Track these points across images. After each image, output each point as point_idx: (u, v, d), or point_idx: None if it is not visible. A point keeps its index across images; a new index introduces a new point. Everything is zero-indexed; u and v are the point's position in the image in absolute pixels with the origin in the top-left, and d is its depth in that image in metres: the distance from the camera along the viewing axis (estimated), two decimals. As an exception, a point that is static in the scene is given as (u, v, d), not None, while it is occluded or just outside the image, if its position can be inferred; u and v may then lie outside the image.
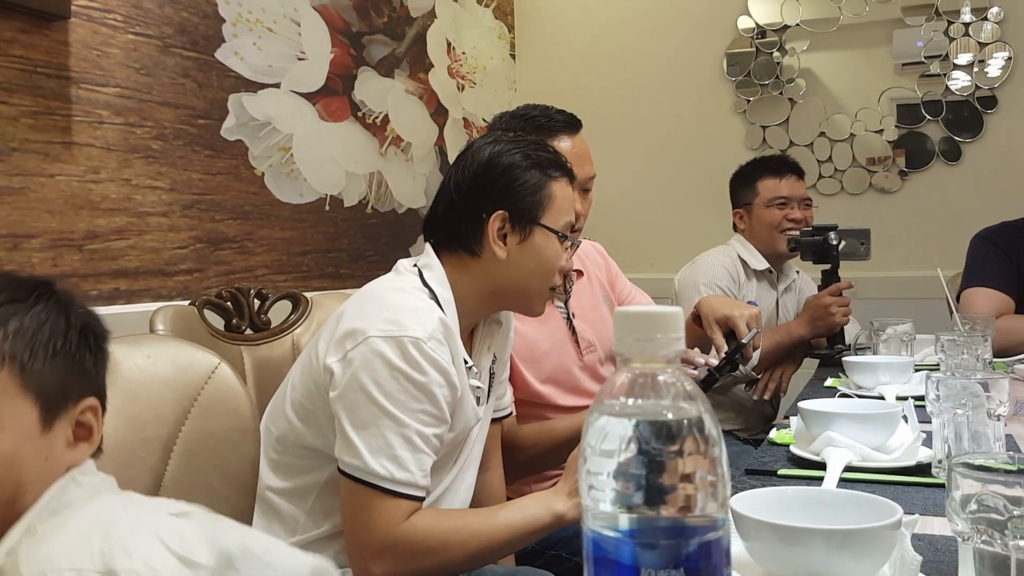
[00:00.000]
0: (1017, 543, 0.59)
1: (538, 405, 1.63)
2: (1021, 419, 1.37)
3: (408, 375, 1.10)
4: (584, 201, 1.67)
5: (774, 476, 1.13)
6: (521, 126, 1.62)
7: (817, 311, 2.19)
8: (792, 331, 2.23)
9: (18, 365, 0.73)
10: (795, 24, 3.22)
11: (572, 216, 1.31)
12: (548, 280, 1.29)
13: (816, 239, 2.21)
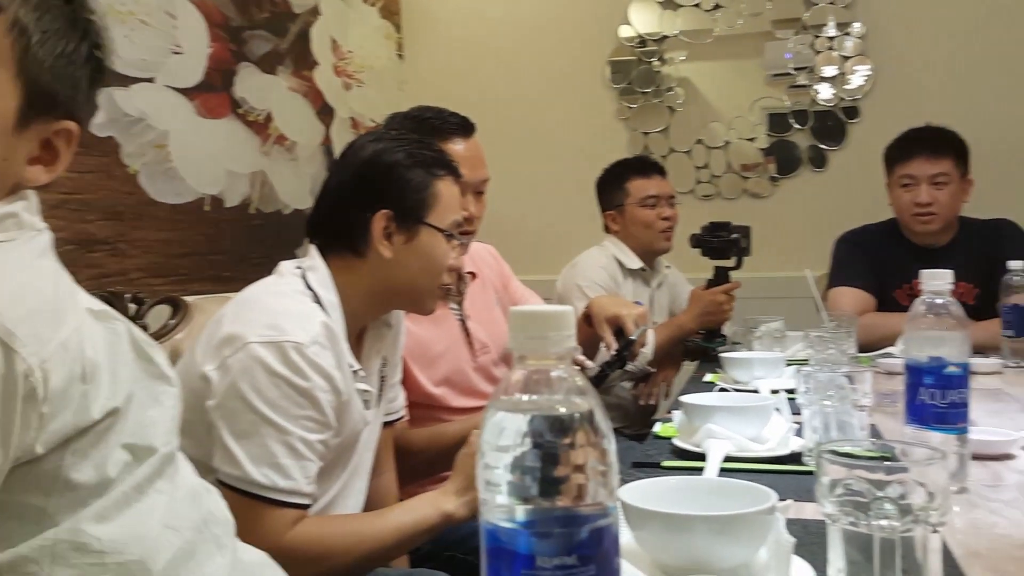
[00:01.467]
0: (879, 523, 0.63)
1: (432, 407, 1.63)
2: (883, 409, 1.47)
3: (290, 381, 1.08)
4: (478, 204, 1.68)
5: (659, 468, 1.17)
6: (415, 127, 1.61)
7: (710, 306, 2.29)
8: (683, 325, 2.32)
9: (24, 42, 0.68)
10: (673, 35, 3.34)
11: (459, 214, 1.31)
12: (437, 279, 1.29)
13: (733, 237, 2.31)
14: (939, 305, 1.00)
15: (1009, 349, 2.00)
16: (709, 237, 2.33)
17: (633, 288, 2.45)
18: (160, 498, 0.73)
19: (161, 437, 0.75)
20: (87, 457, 0.68)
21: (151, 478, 0.73)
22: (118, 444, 0.70)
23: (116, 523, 0.69)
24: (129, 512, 0.70)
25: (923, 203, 2.32)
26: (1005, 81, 3.02)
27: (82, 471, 0.67)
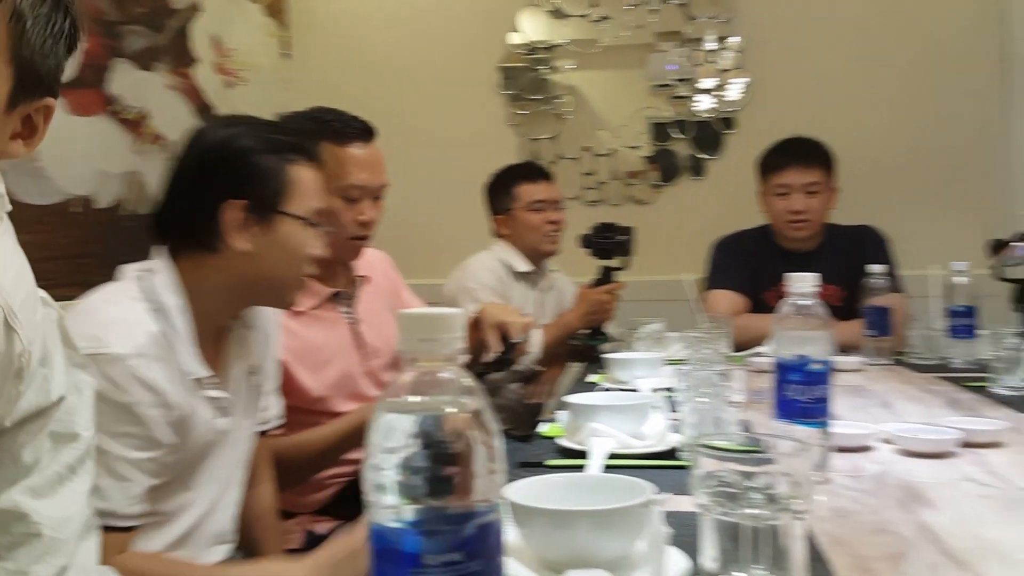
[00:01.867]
0: (748, 512, 0.67)
1: (317, 412, 1.61)
2: (754, 406, 1.54)
3: (107, 396, 1.00)
4: (374, 209, 1.67)
5: (544, 467, 1.19)
6: (315, 128, 1.59)
7: (596, 305, 2.36)
8: (569, 323, 2.38)
9: (20, 28, 0.68)
10: (562, 43, 3.40)
11: (319, 201, 1.26)
12: (298, 270, 1.24)
13: (620, 239, 2.40)
14: (805, 306, 1.06)
15: (870, 348, 2.14)
16: (597, 238, 2.41)
17: (521, 291, 2.49)
18: (87, 479, 0.79)
19: (82, 424, 0.79)
20: (35, 437, 0.73)
21: (82, 459, 0.78)
22: (48, 430, 0.75)
23: (51, 500, 0.74)
24: (62, 491, 0.75)
25: (797, 211, 2.46)
26: (868, 96, 3.22)
27: (27, 450, 0.73)
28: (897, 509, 0.97)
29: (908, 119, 3.20)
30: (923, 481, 1.08)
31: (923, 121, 3.19)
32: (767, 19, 3.27)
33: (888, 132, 3.21)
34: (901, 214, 3.08)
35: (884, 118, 3.21)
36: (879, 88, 3.22)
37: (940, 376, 1.92)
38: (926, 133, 3.19)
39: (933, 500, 1.00)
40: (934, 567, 0.79)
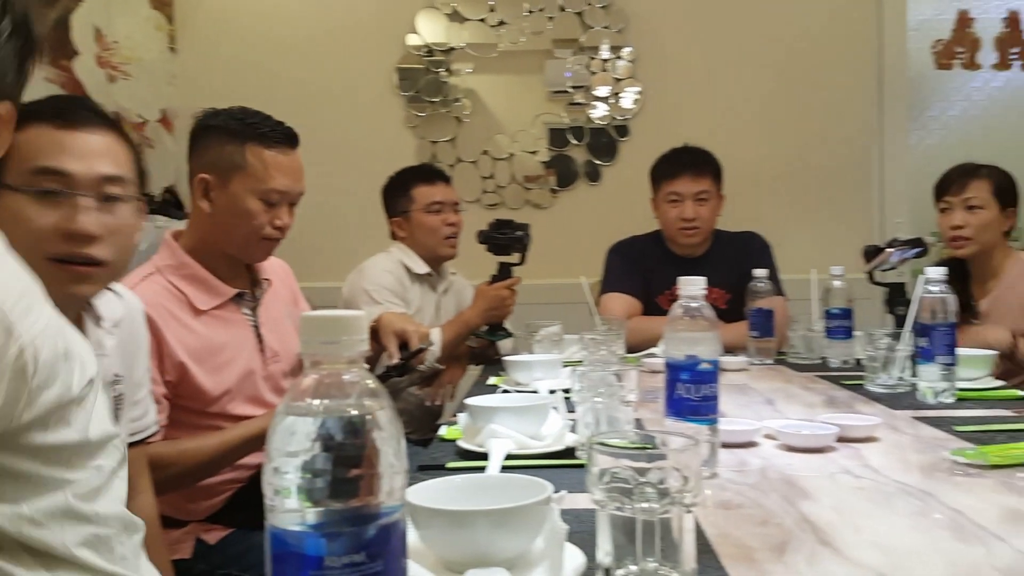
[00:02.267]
0: (641, 506, 0.70)
1: (213, 415, 1.57)
2: (647, 405, 1.59)
3: None
4: (290, 215, 1.68)
5: (444, 469, 1.20)
6: (238, 128, 1.61)
7: (495, 301, 2.37)
8: (468, 320, 2.38)
9: None
10: (460, 47, 3.42)
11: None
12: None
13: (518, 235, 2.43)
14: (694, 309, 1.10)
15: (754, 348, 2.24)
16: (495, 234, 2.43)
17: (420, 293, 2.48)
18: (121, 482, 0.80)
19: (109, 421, 0.79)
20: (70, 424, 0.73)
21: (121, 462, 0.79)
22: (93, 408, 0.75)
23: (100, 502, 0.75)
24: (108, 493, 0.77)
25: (688, 218, 2.54)
26: (753, 109, 3.37)
27: (63, 433, 0.72)
28: (779, 501, 1.02)
29: (790, 131, 3.36)
30: (803, 475, 1.14)
31: (805, 134, 3.36)
32: (658, 32, 3.37)
33: (772, 143, 3.36)
34: (783, 221, 3.23)
35: (768, 130, 3.36)
36: (763, 102, 3.37)
37: (819, 375, 2.02)
38: (807, 145, 3.36)
39: (812, 492, 1.05)
40: (813, 555, 0.83)
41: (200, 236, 1.65)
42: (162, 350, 1.49)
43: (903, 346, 1.73)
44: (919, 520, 0.95)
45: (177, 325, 1.53)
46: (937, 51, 3.58)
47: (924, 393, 1.62)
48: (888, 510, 0.99)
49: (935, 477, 1.11)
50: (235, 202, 1.60)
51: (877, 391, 1.74)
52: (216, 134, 1.63)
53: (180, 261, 1.61)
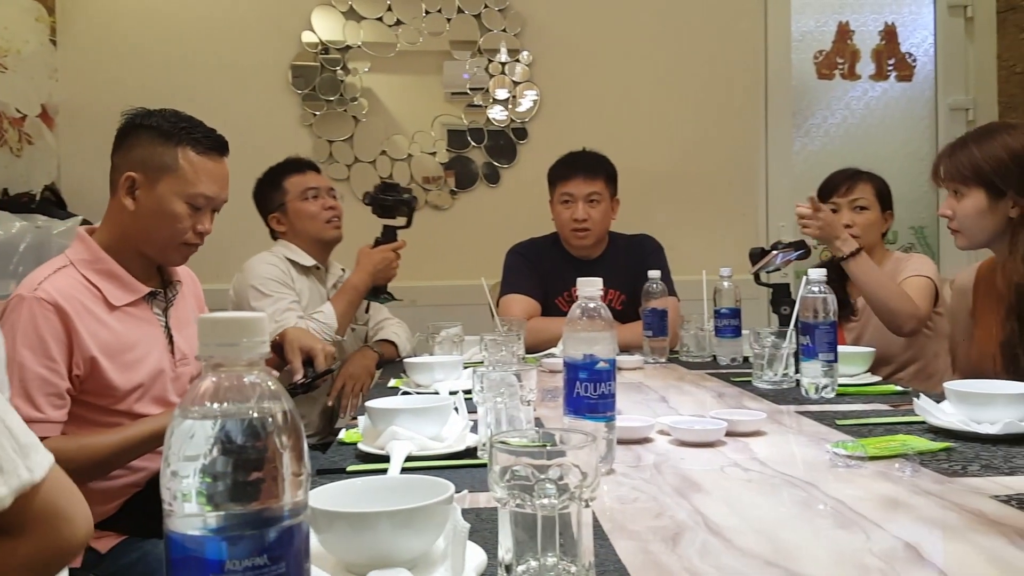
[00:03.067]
0: (541, 502, 0.71)
1: (118, 413, 1.54)
2: (547, 404, 1.62)
3: None
4: (211, 222, 1.69)
5: (344, 473, 1.19)
6: (169, 128, 1.62)
7: (381, 263, 2.39)
8: (356, 285, 2.38)
9: None
10: (356, 45, 3.38)
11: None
12: None
13: (405, 197, 2.45)
14: (592, 309, 1.13)
15: (649, 347, 2.30)
16: (382, 196, 2.43)
17: (308, 286, 2.44)
18: None
19: None
20: None
21: None
22: None
23: None
24: None
25: (580, 219, 2.59)
26: (647, 116, 3.46)
27: None
28: (673, 495, 1.05)
29: (682, 138, 3.47)
30: (695, 468, 1.18)
31: (695, 140, 3.47)
32: (554, 37, 3.42)
33: (664, 149, 3.46)
34: (675, 224, 3.33)
35: (661, 136, 3.46)
36: (656, 109, 3.46)
37: (709, 372, 2.10)
38: (698, 151, 3.47)
39: (704, 485, 1.09)
40: (704, 546, 0.87)
41: (118, 233, 1.63)
42: (73, 343, 1.47)
43: (787, 344, 1.81)
44: (803, 510, 0.99)
45: (90, 319, 1.52)
46: (819, 62, 3.77)
47: (807, 389, 1.70)
48: (774, 501, 1.04)
49: (818, 469, 1.17)
50: (161, 203, 1.61)
51: (763, 387, 1.82)
52: (148, 134, 1.62)
53: (95, 256, 1.60)
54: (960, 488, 1.05)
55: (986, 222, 1.76)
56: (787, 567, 0.80)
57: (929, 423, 1.37)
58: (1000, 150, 1.74)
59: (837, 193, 2.44)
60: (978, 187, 1.75)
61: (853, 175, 2.46)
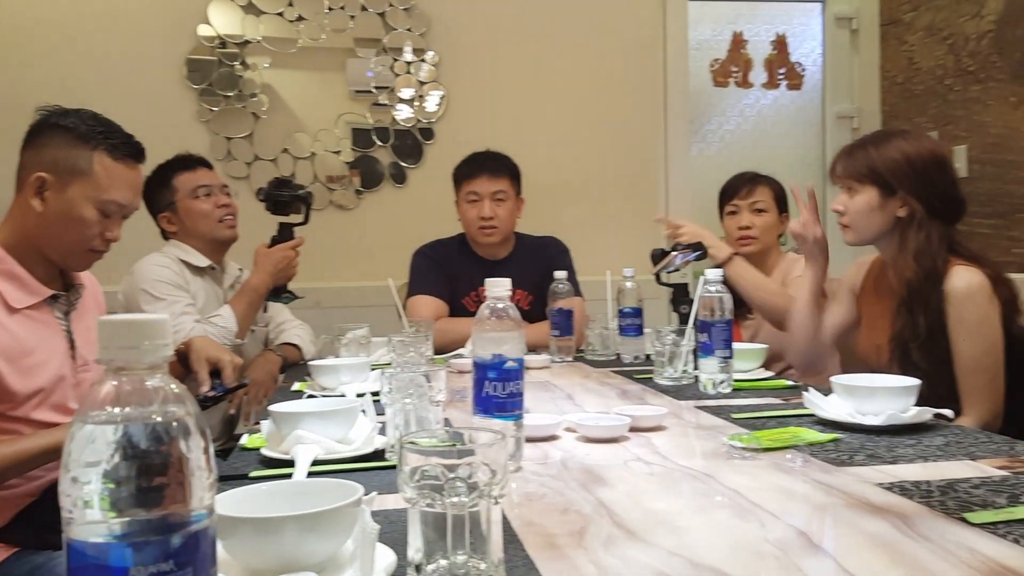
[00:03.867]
0: (452, 500, 0.72)
1: (15, 419, 1.48)
2: (456, 404, 1.62)
3: None
4: (119, 229, 1.65)
5: (246, 479, 1.16)
6: (86, 132, 1.58)
7: (281, 262, 2.33)
8: (256, 287, 2.31)
9: None
10: (256, 40, 3.30)
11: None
12: None
13: (301, 192, 2.41)
14: (500, 309, 1.14)
15: (556, 347, 2.33)
16: (277, 192, 2.37)
17: (204, 287, 2.37)
18: None
19: None
20: None
21: None
22: None
23: None
24: None
25: (487, 217, 2.61)
26: (552, 118, 3.50)
27: None
28: (579, 490, 1.07)
29: (586, 141, 3.53)
30: (600, 464, 1.21)
31: (599, 144, 3.54)
32: (460, 37, 3.43)
33: (569, 152, 3.51)
34: (580, 225, 3.39)
35: (566, 139, 3.51)
36: (561, 112, 3.51)
37: (614, 370, 2.14)
38: (601, 154, 3.54)
39: (609, 480, 1.12)
40: (609, 538, 0.89)
41: (22, 234, 1.56)
42: None
43: (687, 342, 1.87)
44: (702, 501, 1.03)
45: None
46: (714, 70, 3.90)
47: (705, 384, 1.76)
48: (675, 493, 1.07)
49: (715, 461, 1.21)
50: (70, 207, 1.55)
51: (664, 384, 1.87)
52: (63, 134, 1.56)
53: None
54: (847, 477, 1.10)
55: (876, 219, 1.86)
56: (688, 557, 0.83)
57: (818, 416, 1.44)
58: (895, 152, 1.84)
59: (738, 196, 2.53)
60: (872, 185, 1.85)
61: (753, 179, 2.56)
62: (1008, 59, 3.09)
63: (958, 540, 0.85)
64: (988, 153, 3.21)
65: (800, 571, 0.79)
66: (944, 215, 1.84)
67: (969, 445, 1.26)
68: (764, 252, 2.53)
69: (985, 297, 1.75)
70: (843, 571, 0.78)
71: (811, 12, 3.93)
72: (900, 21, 3.69)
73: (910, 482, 1.06)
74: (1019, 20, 3.04)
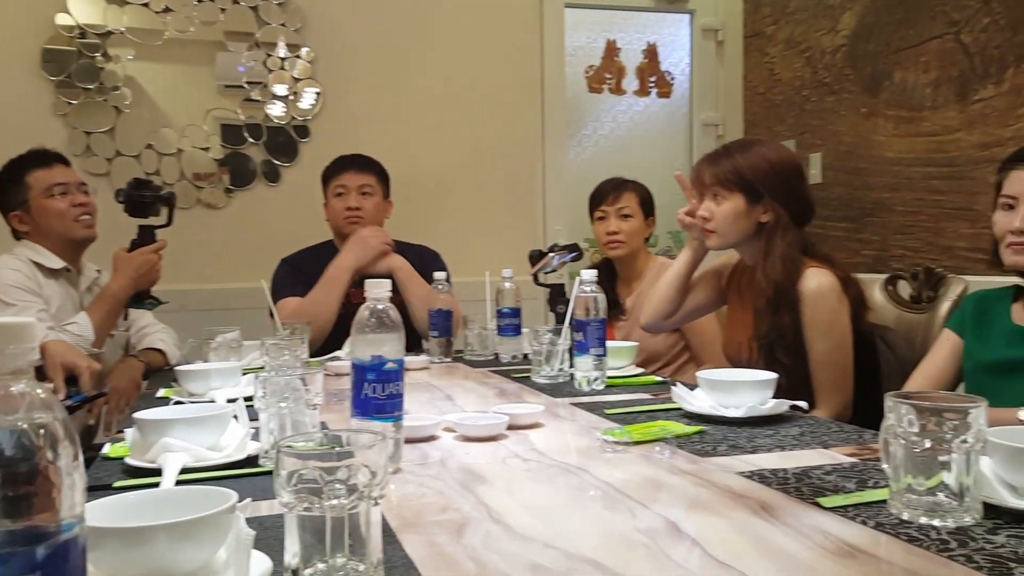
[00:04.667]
0: (331, 503, 0.71)
1: None
2: (332, 407, 1.60)
3: None
4: None
5: (110, 489, 1.11)
6: None
7: (144, 266, 2.22)
8: (116, 293, 2.20)
9: None
10: (119, 31, 3.15)
11: None
12: None
13: (164, 193, 2.30)
14: (380, 311, 1.14)
15: (435, 347, 2.34)
16: (137, 193, 2.26)
17: (59, 291, 2.25)
18: None
19: None
20: None
21: None
22: None
23: None
24: None
25: (353, 207, 2.62)
26: (431, 121, 3.50)
27: None
28: (458, 488, 1.09)
29: (465, 144, 3.55)
30: (479, 462, 1.22)
31: (478, 146, 3.57)
32: (336, 34, 3.38)
33: (449, 153, 3.52)
34: (460, 227, 3.41)
35: (445, 141, 3.52)
36: (440, 113, 3.52)
37: (492, 370, 2.17)
38: (481, 157, 3.57)
39: (487, 477, 1.14)
40: (487, 534, 0.91)
41: None
42: None
43: (563, 341, 1.92)
44: (577, 494, 1.06)
45: None
46: (589, 76, 4.00)
47: (580, 382, 1.81)
48: (551, 488, 1.10)
49: (589, 455, 1.25)
50: None
51: (541, 382, 1.91)
52: None
53: None
54: (711, 467, 1.16)
55: (741, 224, 1.95)
56: (563, 548, 0.85)
57: (684, 409, 1.51)
58: (760, 160, 1.93)
59: (605, 202, 2.61)
60: (739, 192, 1.94)
61: (619, 185, 2.65)
62: (860, 72, 3.32)
63: (812, 523, 0.91)
64: (841, 161, 3.43)
65: (668, 558, 0.83)
66: (800, 219, 1.96)
67: (822, 435, 1.35)
68: (633, 256, 2.62)
69: (836, 297, 1.87)
70: (708, 556, 0.83)
71: (680, 23, 4.09)
72: (762, 34, 3.89)
73: (768, 470, 1.13)
74: (870, 35, 3.26)
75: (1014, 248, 1.61)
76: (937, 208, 2.97)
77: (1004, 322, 1.69)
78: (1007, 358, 1.64)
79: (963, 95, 2.85)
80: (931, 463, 0.90)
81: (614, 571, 0.79)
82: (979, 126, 2.79)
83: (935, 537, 0.85)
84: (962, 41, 2.84)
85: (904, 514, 0.91)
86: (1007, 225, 1.62)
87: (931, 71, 2.97)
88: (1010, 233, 1.61)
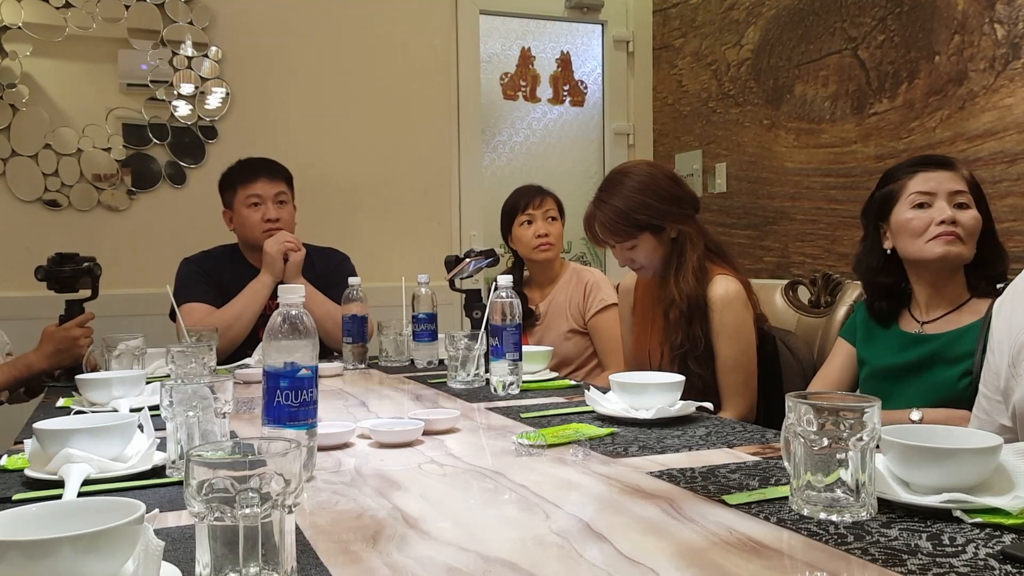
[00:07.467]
0: (244, 512, 0.70)
1: None
2: (242, 416, 1.57)
3: None
4: None
5: (9, 502, 1.06)
6: None
7: (63, 343, 2.12)
8: (32, 365, 2.11)
9: None
10: (16, 26, 3.01)
11: None
12: None
13: (86, 266, 2.19)
14: (293, 316, 1.12)
15: (349, 353, 2.31)
16: (58, 269, 2.17)
17: None
18: None
19: None
20: None
21: None
22: None
23: None
24: None
25: (273, 219, 2.57)
26: (344, 126, 3.46)
27: None
28: (373, 495, 1.08)
29: (381, 148, 3.52)
30: (394, 468, 1.22)
31: (394, 151, 3.54)
32: (246, 34, 3.31)
33: (363, 158, 3.49)
34: (376, 232, 3.38)
35: (359, 144, 3.48)
36: (354, 117, 3.48)
37: (408, 376, 2.16)
38: (397, 162, 3.55)
39: (403, 483, 1.13)
40: (403, 540, 0.91)
41: None
42: None
43: (479, 346, 1.92)
44: (492, 497, 1.07)
45: None
46: (504, 83, 4.02)
47: (496, 386, 1.82)
48: (466, 492, 1.10)
49: (504, 459, 1.26)
50: None
51: (457, 387, 1.91)
52: None
53: None
54: (623, 467, 1.19)
55: (661, 252, 2.00)
56: (478, 551, 0.86)
57: (597, 412, 1.54)
58: (635, 193, 1.97)
59: (531, 206, 2.63)
60: (642, 232, 1.98)
61: (540, 189, 2.68)
62: (763, 85, 3.45)
63: (719, 520, 0.95)
64: (744, 170, 3.55)
65: (581, 557, 0.84)
66: (693, 210, 2.01)
67: (727, 435, 1.39)
68: (551, 260, 2.65)
69: (741, 303, 1.94)
70: (619, 554, 0.85)
71: (592, 33, 4.16)
72: (671, 46, 4.00)
73: (677, 469, 1.16)
74: (772, 50, 3.39)
75: (944, 238, 1.64)
76: (835, 216, 3.11)
77: (892, 329, 1.78)
78: (896, 363, 1.73)
79: (860, 109, 2.99)
80: (829, 461, 0.94)
81: (529, 572, 0.80)
82: (875, 138, 2.94)
83: (833, 532, 0.90)
84: (859, 57, 2.99)
85: (804, 510, 0.95)
86: (928, 219, 1.66)
87: (830, 85, 3.11)
88: (935, 225, 1.65)
